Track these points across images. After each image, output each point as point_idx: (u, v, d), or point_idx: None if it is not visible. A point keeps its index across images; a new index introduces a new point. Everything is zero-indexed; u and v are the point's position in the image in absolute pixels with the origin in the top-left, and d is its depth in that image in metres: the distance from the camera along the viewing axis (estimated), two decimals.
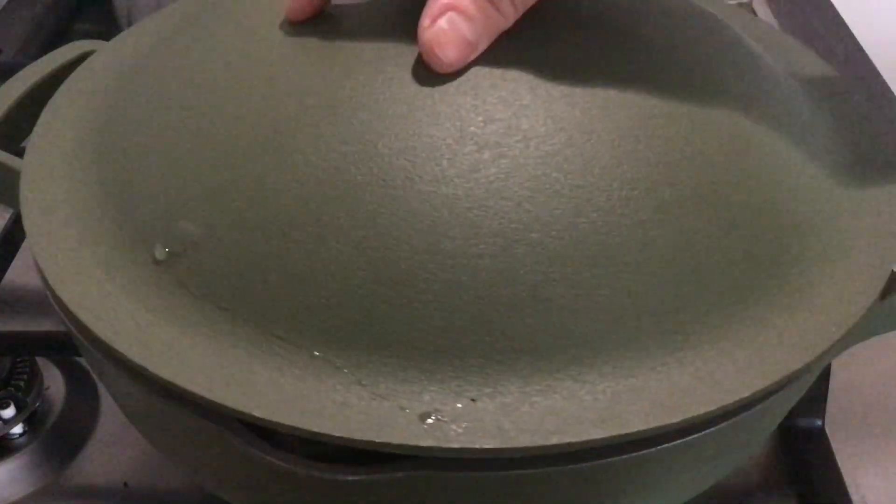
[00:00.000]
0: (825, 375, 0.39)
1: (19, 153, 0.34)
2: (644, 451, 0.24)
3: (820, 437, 0.39)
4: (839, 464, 0.38)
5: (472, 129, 0.26)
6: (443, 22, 0.26)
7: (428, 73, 0.27)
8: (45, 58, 0.38)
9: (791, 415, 0.36)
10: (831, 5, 0.72)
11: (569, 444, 0.23)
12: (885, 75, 0.63)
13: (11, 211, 0.48)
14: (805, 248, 0.28)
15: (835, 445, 0.39)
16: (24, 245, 0.47)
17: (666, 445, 0.25)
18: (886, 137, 0.33)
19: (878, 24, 0.71)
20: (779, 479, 0.38)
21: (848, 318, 0.27)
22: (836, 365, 0.41)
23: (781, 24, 0.69)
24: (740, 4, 0.65)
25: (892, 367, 0.43)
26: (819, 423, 0.39)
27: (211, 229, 0.26)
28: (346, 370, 0.24)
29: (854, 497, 0.37)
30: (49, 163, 0.31)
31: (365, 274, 0.25)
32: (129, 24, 0.62)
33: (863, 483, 0.38)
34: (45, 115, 0.34)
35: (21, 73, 0.37)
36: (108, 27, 0.65)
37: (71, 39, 0.40)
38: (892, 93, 0.62)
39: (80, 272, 0.27)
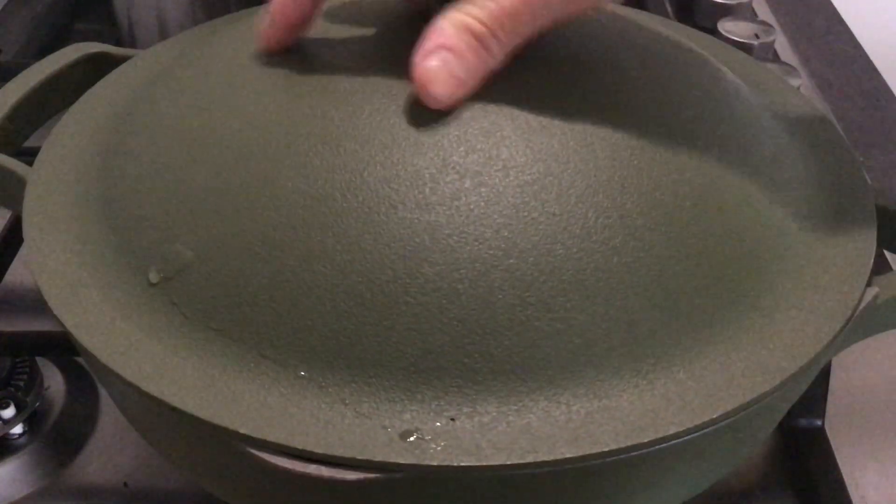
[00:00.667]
0: (825, 375, 0.39)
1: (20, 154, 0.34)
2: (639, 452, 0.25)
3: (820, 437, 0.39)
4: (839, 464, 0.38)
5: (454, 158, 0.27)
6: (434, 59, 0.27)
7: (412, 105, 0.28)
8: (45, 59, 0.39)
9: (791, 415, 0.36)
10: (831, 5, 0.72)
11: (542, 463, 0.24)
12: (884, 75, 0.64)
13: (11, 212, 0.48)
14: (775, 274, 0.29)
15: (835, 445, 0.39)
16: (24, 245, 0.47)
17: (658, 447, 0.25)
18: (861, 170, 0.34)
19: (878, 24, 0.71)
20: (779, 479, 0.39)
21: (816, 342, 0.27)
22: (836, 365, 0.41)
23: (781, 24, 0.69)
24: (740, 4, 0.65)
25: (892, 367, 0.43)
26: (819, 423, 0.39)
27: (202, 253, 0.27)
28: (330, 389, 0.25)
29: (854, 497, 0.37)
30: (53, 183, 0.32)
31: (349, 297, 0.26)
32: (129, 24, 0.62)
33: (863, 483, 0.38)
34: (56, 132, 0.35)
35: (22, 75, 0.38)
36: (108, 27, 0.64)
37: (71, 39, 0.40)
38: (893, 93, 0.62)
39: (77, 293, 0.28)
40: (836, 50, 0.67)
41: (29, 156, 0.34)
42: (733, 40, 0.59)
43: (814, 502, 0.38)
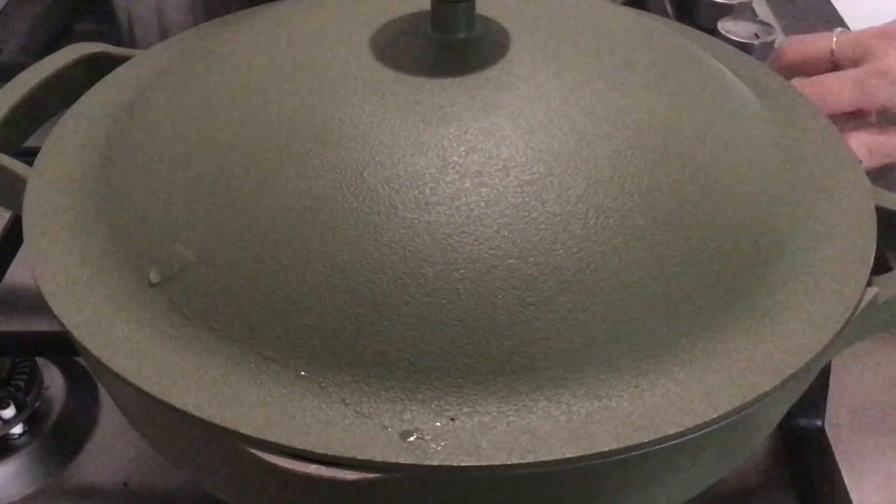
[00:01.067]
0: (825, 375, 0.39)
1: (20, 154, 0.34)
2: (639, 452, 0.25)
3: (820, 437, 0.39)
4: (839, 464, 0.38)
5: (455, 158, 0.27)
6: None
7: (413, 106, 0.28)
8: (45, 60, 0.39)
9: (791, 415, 0.36)
10: (831, 5, 0.72)
11: (542, 463, 0.24)
12: None
13: (11, 212, 0.48)
14: (775, 274, 0.29)
15: (835, 445, 0.39)
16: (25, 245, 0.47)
17: (658, 447, 0.25)
18: (861, 170, 0.34)
19: (877, 24, 0.71)
20: (779, 480, 0.39)
21: (816, 342, 0.27)
22: (836, 365, 0.41)
23: (781, 24, 0.69)
24: (740, 4, 0.65)
25: (892, 367, 0.43)
26: (819, 423, 0.39)
27: (203, 253, 0.27)
28: (330, 389, 0.25)
29: (854, 497, 0.37)
30: (53, 183, 0.32)
31: (349, 297, 0.26)
32: (129, 23, 0.62)
33: (863, 483, 0.38)
34: (56, 132, 0.35)
35: (22, 75, 0.38)
36: (108, 27, 0.64)
37: (71, 39, 0.40)
38: None
39: (77, 293, 0.28)
40: None
41: (29, 156, 0.34)
42: (733, 40, 0.59)
43: (814, 502, 0.38)
